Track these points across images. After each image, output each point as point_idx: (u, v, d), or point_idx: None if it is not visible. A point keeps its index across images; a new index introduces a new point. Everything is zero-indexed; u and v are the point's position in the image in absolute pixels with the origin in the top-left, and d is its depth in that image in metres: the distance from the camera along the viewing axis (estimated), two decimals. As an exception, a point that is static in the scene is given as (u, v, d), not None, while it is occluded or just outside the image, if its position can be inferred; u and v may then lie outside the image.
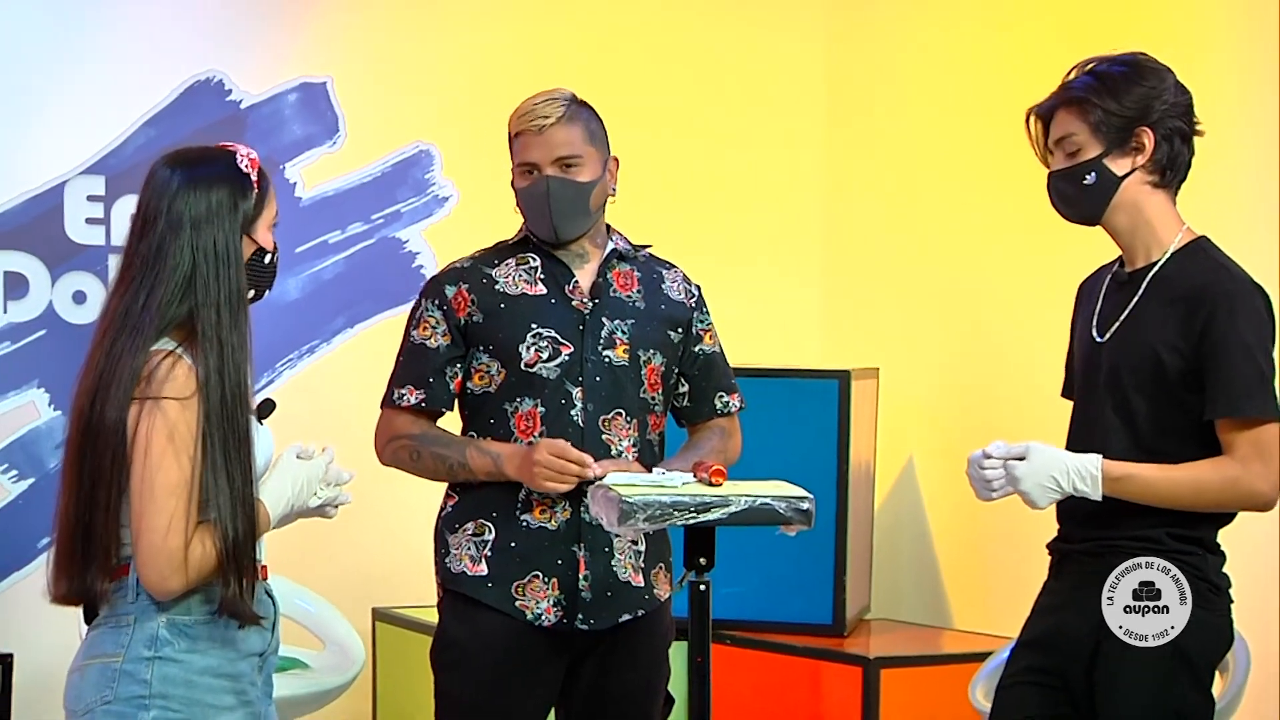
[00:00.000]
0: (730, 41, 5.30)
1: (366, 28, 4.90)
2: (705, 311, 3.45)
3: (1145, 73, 3.04)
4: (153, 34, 4.66)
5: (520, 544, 3.24)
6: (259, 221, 2.71)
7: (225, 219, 2.66)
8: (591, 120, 3.30)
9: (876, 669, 4.35)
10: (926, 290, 5.12)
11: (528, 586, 3.23)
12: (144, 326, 2.61)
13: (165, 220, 2.64)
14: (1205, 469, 2.96)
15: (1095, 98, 3.02)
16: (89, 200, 4.60)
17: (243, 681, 2.68)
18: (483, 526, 3.26)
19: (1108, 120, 3.02)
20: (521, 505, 3.24)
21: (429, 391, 3.29)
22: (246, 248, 2.69)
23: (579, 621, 3.23)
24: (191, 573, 2.59)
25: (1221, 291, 2.96)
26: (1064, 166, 3.07)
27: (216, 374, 2.60)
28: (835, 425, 4.60)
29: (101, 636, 2.66)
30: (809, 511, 2.80)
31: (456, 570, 3.27)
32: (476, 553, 3.26)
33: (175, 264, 2.63)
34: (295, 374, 4.80)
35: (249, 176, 2.70)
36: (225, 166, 2.69)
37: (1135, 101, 3.01)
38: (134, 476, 2.59)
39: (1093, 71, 3.06)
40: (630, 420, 3.27)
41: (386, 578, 4.78)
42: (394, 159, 4.91)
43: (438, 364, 3.29)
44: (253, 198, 2.69)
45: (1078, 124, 3.04)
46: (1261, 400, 2.94)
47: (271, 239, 2.75)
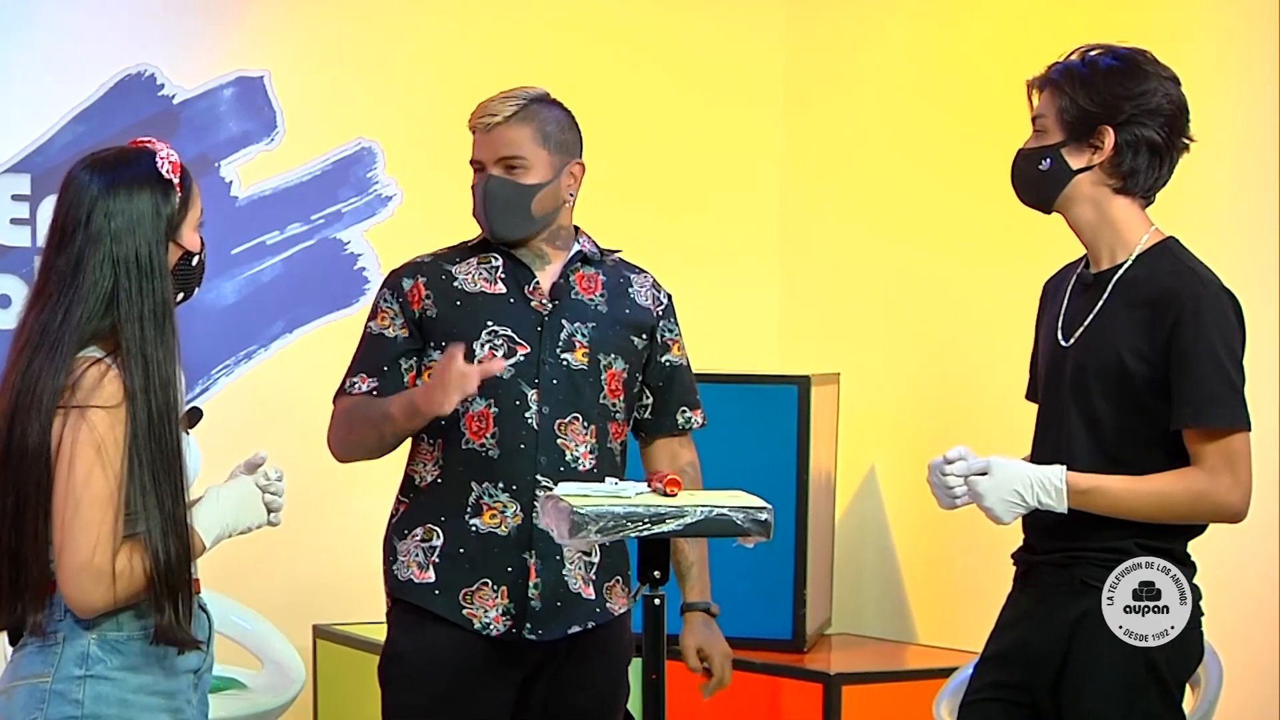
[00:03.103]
0: (685, 40, 5.32)
1: (306, 19, 4.89)
2: (674, 321, 3.47)
3: (1132, 72, 3.02)
4: (81, 25, 4.64)
5: (469, 549, 3.25)
6: (184, 225, 2.69)
7: (148, 228, 2.62)
8: (550, 123, 3.31)
9: (838, 686, 4.36)
10: (888, 293, 5.14)
11: (476, 594, 3.24)
12: (63, 344, 2.58)
13: (84, 232, 2.61)
14: (1172, 481, 2.97)
15: (1066, 84, 3.03)
16: (13, 200, 4.58)
17: (178, 700, 2.65)
18: (431, 531, 3.27)
19: (1070, 109, 3.02)
20: (471, 509, 3.25)
21: (382, 380, 3.31)
22: (172, 254, 2.66)
23: (527, 631, 3.24)
24: (120, 591, 2.56)
25: (1189, 295, 2.96)
26: (1028, 147, 3.09)
27: (143, 392, 2.57)
28: (794, 433, 4.60)
29: (28, 657, 2.63)
30: (767, 522, 2.79)
31: (404, 578, 3.28)
32: (424, 559, 3.27)
33: (95, 279, 2.60)
34: (231, 381, 4.79)
35: (171, 181, 2.66)
36: (145, 171, 2.65)
37: (1103, 98, 3.00)
38: (58, 489, 2.56)
39: (1084, 58, 3.05)
40: (588, 426, 3.29)
41: (327, 593, 4.77)
42: (335, 157, 4.90)
43: (393, 354, 3.31)
44: (175, 201, 2.66)
45: (1049, 106, 3.06)
46: (1230, 409, 2.95)
47: (198, 239, 2.72)
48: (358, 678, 4.41)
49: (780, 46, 5.39)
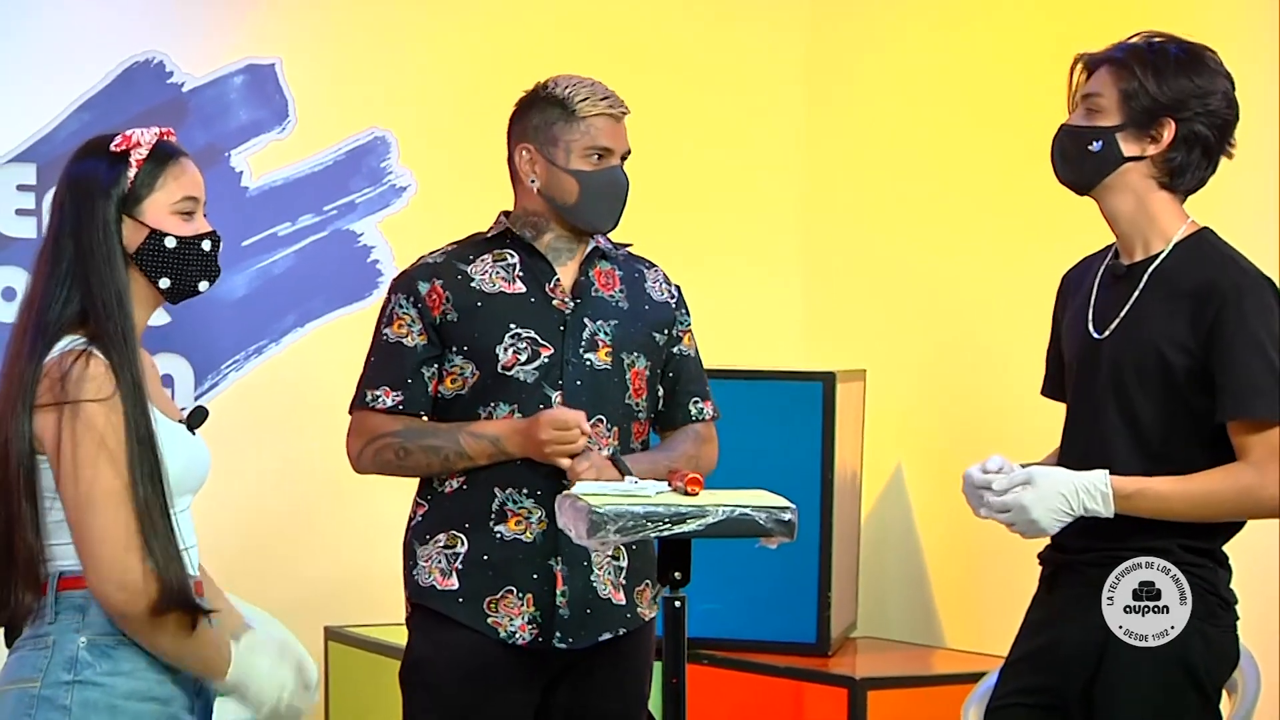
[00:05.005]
0: (708, 36, 5.34)
1: (318, 5, 4.89)
2: (686, 312, 3.49)
3: (1201, 68, 3.03)
4: (88, 11, 4.64)
5: (493, 556, 3.26)
6: (147, 202, 2.66)
7: (98, 210, 2.63)
8: None
9: (863, 690, 4.37)
10: (913, 288, 5.16)
11: (500, 602, 3.25)
12: (41, 332, 2.61)
13: (54, 219, 2.66)
14: (1219, 479, 2.96)
15: (1139, 67, 3.03)
16: (19, 190, 4.58)
17: (174, 706, 2.65)
18: (454, 538, 3.28)
19: (1139, 95, 3.01)
20: (495, 516, 3.27)
21: (407, 393, 3.30)
22: (135, 233, 2.64)
23: (556, 640, 3.25)
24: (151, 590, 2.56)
25: (1230, 285, 2.97)
26: (1077, 124, 3.07)
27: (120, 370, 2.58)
28: (819, 431, 4.61)
29: (20, 660, 2.64)
30: (791, 523, 2.78)
31: (425, 584, 3.29)
32: (447, 565, 3.28)
33: (66, 270, 2.63)
34: (241, 377, 4.78)
35: (123, 155, 2.65)
36: (98, 151, 2.67)
37: (1175, 90, 3.00)
38: (65, 493, 2.57)
39: (1151, 43, 3.05)
40: (611, 428, 3.31)
41: (339, 595, 4.79)
42: (348, 146, 4.89)
43: (415, 363, 3.30)
44: (126, 179, 2.66)
45: (1110, 86, 3.04)
46: (1275, 400, 2.94)
47: (181, 222, 2.69)
48: (369, 680, 4.47)
49: (802, 45, 5.42)
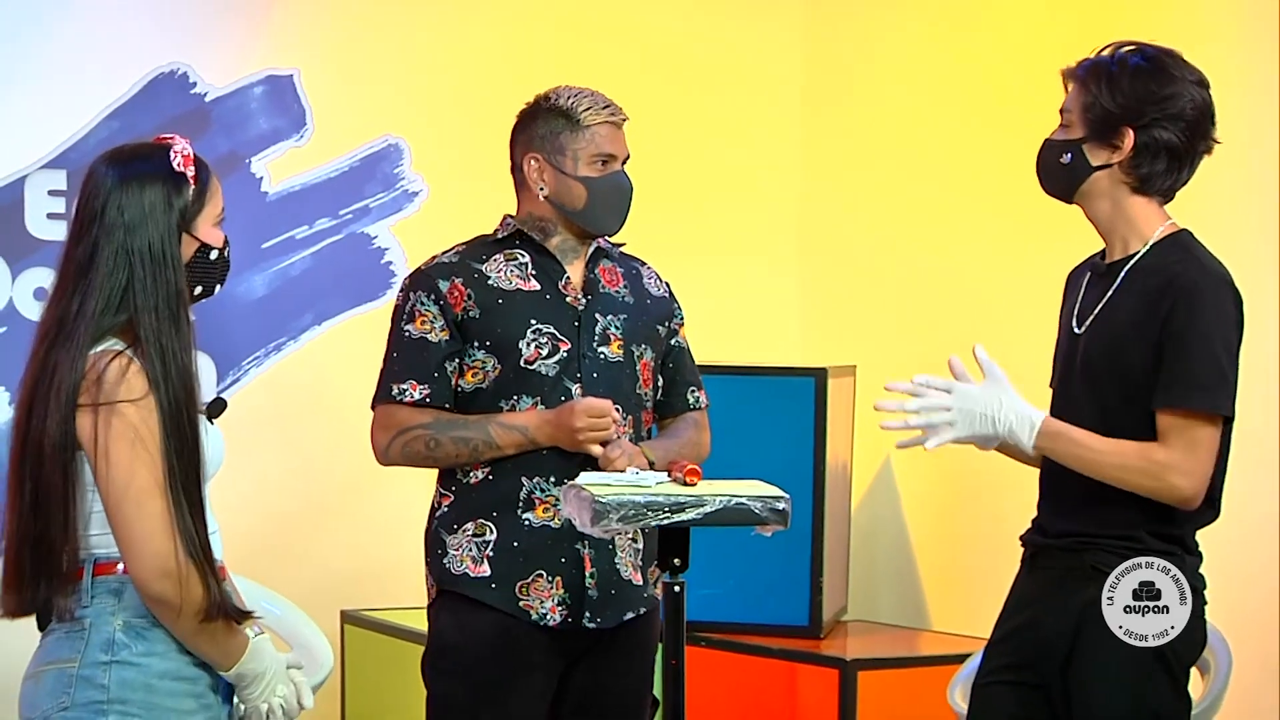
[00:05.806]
0: (706, 36, 5.27)
1: (334, 18, 4.87)
2: (679, 305, 3.55)
3: (1158, 74, 3.00)
4: (115, 25, 4.62)
5: (523, 543, 3.29)
6: (200, 218, 2.70)
7: (160, 220, 2.64)
8: None
9: (854, 671, 4.38)
10: (905, 286, 5.11)
11: (531, 586, 3.29)
12: (78, 335, 2.60)
13: (99, 224, 2.63)
14: (1134, 451, 2.96)
15: (1092, 81, 3.02)
16: (50, 195, 4.55)
17: (201, 685, 2.68)
18: (483, 526, 3.31)
19: (1094, 108, 3.02)
20: (523, 504, 3.30)
21: (433, 387, 3.30)
22: (188, 246, 2.68)
23: (586, 620, 3.28)
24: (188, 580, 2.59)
25: (1189, 281, 2.96)
26: (1053, 138, 3.09)
27: (162, 380, 2.59)
28: (812, 424, 4.60)
29: (56, 642, 2.65)
30: (785, 511, 2.81)
31: (458, 571, 3.30)
32: (478, 553, 3.30)
33: (109, 270, 2.62)
34: (261, 373, 4.78)
35: (184, 174, 2.67)
36: (159, 164, 2.67)
37: (1128, 99, 2.99)
38: (103, 487, 2.58)
39: (1114, 55, 3.03)
40: (626, 417, 3.35)
41: (356, 579, 4.76)
42: (362, 153, 4.86)
43: (439, 358, 3.31)
44: (189, 194, 2.68)
45: (1076, 101, 3.05)
46: (1213, 394, 2.94)
47: (219, 234, 2.73)
48: (385, 663, 4.47)
49: (799, 43, 5.34)
